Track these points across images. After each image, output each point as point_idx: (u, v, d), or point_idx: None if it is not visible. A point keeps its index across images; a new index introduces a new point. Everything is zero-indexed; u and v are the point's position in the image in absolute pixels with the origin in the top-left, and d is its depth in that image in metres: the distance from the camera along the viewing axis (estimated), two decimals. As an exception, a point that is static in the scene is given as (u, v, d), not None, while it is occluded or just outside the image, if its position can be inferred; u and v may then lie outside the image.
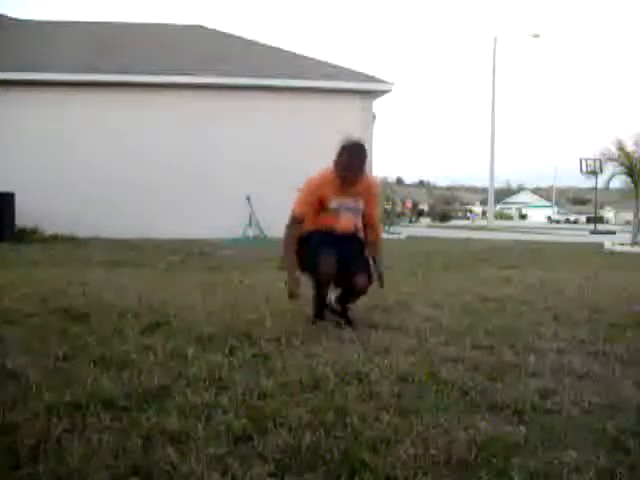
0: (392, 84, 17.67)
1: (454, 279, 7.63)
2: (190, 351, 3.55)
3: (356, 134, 4.81)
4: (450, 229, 32.05)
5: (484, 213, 60.52)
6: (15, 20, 20.18)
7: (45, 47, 17.39)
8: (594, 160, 26.59)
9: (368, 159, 4.46)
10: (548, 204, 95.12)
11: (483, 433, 2.40)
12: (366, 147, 4.47)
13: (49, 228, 14.24)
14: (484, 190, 57.89)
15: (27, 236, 13.63)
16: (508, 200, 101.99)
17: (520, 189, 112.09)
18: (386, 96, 18.22)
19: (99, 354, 3.45)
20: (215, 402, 2.70)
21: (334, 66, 18.26)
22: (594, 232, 28.38)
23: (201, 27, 20.97)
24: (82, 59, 16.55)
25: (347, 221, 4.53)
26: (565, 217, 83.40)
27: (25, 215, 14.00)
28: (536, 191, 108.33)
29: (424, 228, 32.47)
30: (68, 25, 20.08)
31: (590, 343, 4.01)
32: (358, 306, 4.84)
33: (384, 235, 20.61)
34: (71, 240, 13.63)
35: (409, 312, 5.06)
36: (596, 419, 2.60)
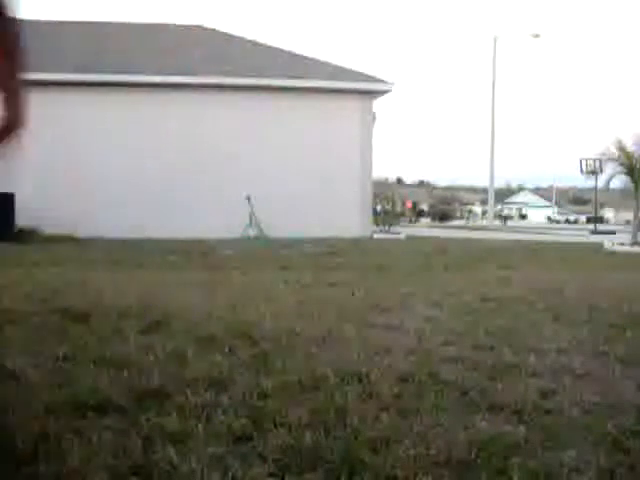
0: (392, 84, 17.69)
1: (454, 279, 7.62)
2: (190, 351, 3.55)
3: (356, 134, 4.80)
4: (450, 229, 32.05)
5: (484, 213, 60.45)
6: (15, 20, 20.15)
7: (45, 47, 17.37)
8: (594, 160, 26.56)
9: None
10: (548, 204, 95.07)
11: (483, 433, 2.40)
12: None
13: (49, 228, 14.24)
14: (484, 190, 57.79)
15: (27, 236, 13.61)
16: (508, 200, 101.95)
17: (520, 189, 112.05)
18: (386, 96, 18.24)
19: (99, 354, 3.45)
20: (215, 402, 2.70)
21: (334, 66, 18.26)
22: (594, 232, 28.37)
23: (201, 27, 20.97)
24: (82, 59, 16.56)
25: None
26: (565, 217, 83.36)
27: (25, 215, 14.00)
28: (536, 191, 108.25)
29: (424, 228, 32.47)
30: (68, 25, 20.08)
31: (590, 343, 4.01)
32: (358, 306, 4.84)
33: (383, 235, 20.21)
34: (71, 240, 13.62)
35: (409, 312, 5.06)
36: (596, 419, 2.60)
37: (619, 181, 17.38)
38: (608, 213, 78.28)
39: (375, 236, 17.85)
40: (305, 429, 2.41)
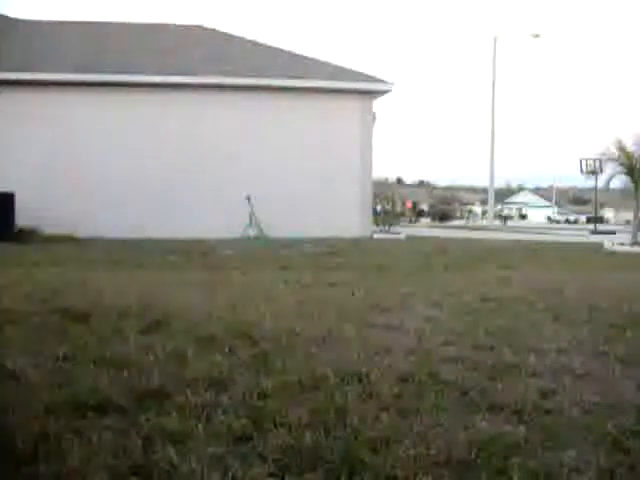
0: (392, 84, 17.68)
1: (454, 279, 7.62)
2: (190, 351, 3.55)
3: (356, 134, 4.80)
4: (450, 229, 32.05)
5: (484, 213, 60.42)
6: (14, 20, 20.17)
7: (45, 47, 17.38)
8: (594, 160, 26.55)
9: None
10: (548, 204, 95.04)
11: (483, 433, 2.40)
12: None
13: (49, 228, 14.23)
14: (484, 190, 57.73)
15: (27, 236, 13.61)
16: (508, 200, 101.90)
17: (520, 189, 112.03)
18: (386, 96, 18.23)
19: (99, 354, 3.45)
20: (215, 402, 2.70)
21: (334, 66, 18.26)
22: (594, 232, 28.36)
23: (201, 27, 20.97)
24: (81, 59, 16.56)
25: None
26: (565, 217, 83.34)
27: (25, 215, 13.99)
28: (536, 191, 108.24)
29: (424, 228, 32.46)
30: (68, 25, 20.07)
31: (590, 343, 4.01)
32: (358, 306, 4.84)
33: (383, 235, 20.25)
34: (71, 240, 13.61)
35: (409, 312, 5.06)
36: (596, 419, 2.60)
37: (619, 181, 17.37)
38: (608, 213, 78.18)
39: (375, 236, 17.84)
40: (305, 429, 2.41)
